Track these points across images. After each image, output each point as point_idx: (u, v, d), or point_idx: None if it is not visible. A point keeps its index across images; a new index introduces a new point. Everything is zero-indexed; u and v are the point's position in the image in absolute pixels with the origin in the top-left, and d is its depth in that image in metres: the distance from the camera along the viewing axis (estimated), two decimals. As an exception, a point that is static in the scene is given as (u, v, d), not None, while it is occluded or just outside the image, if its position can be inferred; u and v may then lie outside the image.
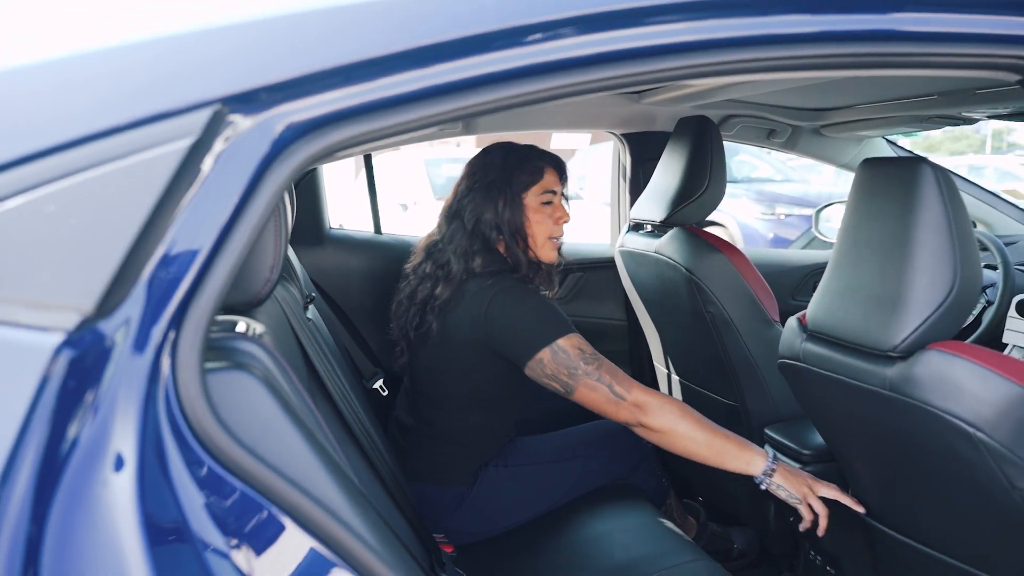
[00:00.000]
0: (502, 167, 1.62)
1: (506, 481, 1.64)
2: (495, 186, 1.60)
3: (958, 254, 1.08)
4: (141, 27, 0.68)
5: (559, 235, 1.66)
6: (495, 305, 1.50)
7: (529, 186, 1.61)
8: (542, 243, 1.63)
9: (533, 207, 1.61)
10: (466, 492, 1.61)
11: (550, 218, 1.63)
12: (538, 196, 1.62)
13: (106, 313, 0.59)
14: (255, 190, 0.66)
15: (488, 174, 1.62)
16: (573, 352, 1.46)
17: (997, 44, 0.89)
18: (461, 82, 0.71)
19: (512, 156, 1.64)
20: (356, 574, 0.65)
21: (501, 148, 1.68)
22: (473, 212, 1.60)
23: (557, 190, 1.65)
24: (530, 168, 1.62)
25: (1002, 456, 1.01)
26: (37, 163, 0.60)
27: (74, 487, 0.55)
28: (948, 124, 2.07)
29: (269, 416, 0.69)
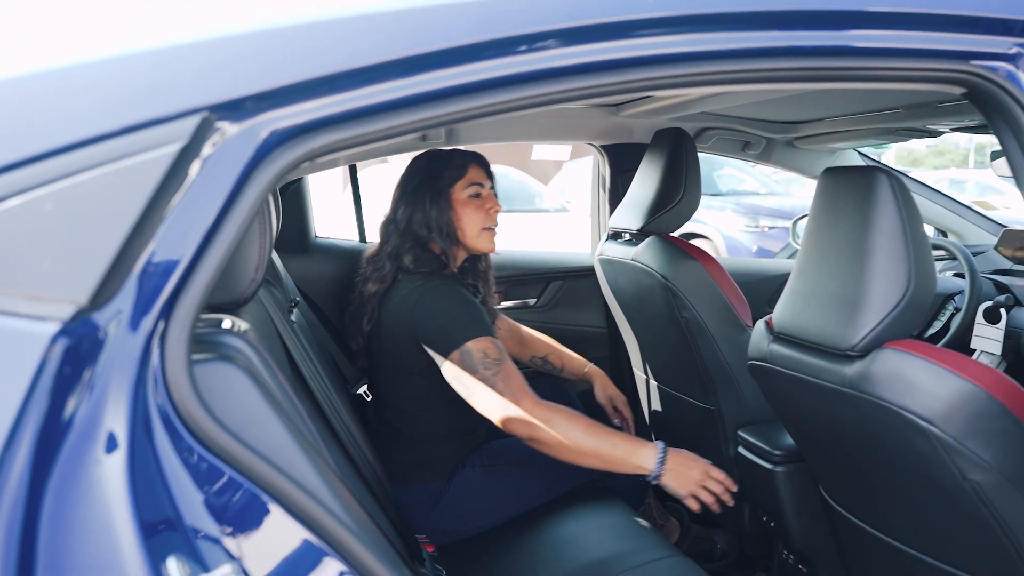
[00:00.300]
0: (426, 169, 1.71)
1: (481, 481, 1.68)
2: (422, 187, 1.68)
3: (912, 257, 1.13)
4: (133, 39, 0.72)
5: (493, 224, 1.72)
6: (420, 304, 1.57)
7: (455, 181, 1.69)
8: (476, 234, 1.70)
9: (461, 201, 1.69)
10: (441, 491, 1.65)
11: (480, 210, 1.70)
12: (465, 190, 1.69)
13: (99, 305, 0.63)
14: (240, 192, 0.71)
15: (415, 178, 1.71)
16: (478, 356, 1.50)
17: (941, 59, 0.95)
18: (432, 92, 0.76)
19: (434, 159, 1.73)
20: (336, 553, 0.69)
21: (425, 154, 1.77)
22: (404, 215, 1.68)
23: (484, 183, 1.72)
24: (454, 164, 1.70)
25: (953, 449, 1.06)
26: (36, 165, 0.64)
27: (69, 465, 0.59)
28: (915, 136, 2.15)
29: (253, 405, 0.73)
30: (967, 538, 1.17)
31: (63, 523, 0.58)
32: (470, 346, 1.51)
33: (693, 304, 1.79)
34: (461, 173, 1.70)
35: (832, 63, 0.93)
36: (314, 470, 0.74)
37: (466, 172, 1.71)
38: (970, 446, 1.06)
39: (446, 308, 1.57)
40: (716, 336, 1.79)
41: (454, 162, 1.71)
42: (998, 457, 1.05)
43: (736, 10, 0.88)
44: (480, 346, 1.51)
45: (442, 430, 1.69)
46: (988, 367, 1.09)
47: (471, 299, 1.62)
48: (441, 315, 1.56)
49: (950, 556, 1.23)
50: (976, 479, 1.07)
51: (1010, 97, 0.96)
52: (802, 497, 1.67)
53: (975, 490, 1.08)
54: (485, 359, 1.50)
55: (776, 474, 1.69)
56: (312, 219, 2.33)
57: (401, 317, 1.60)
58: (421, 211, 1.67)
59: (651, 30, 0.85)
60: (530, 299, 2.55)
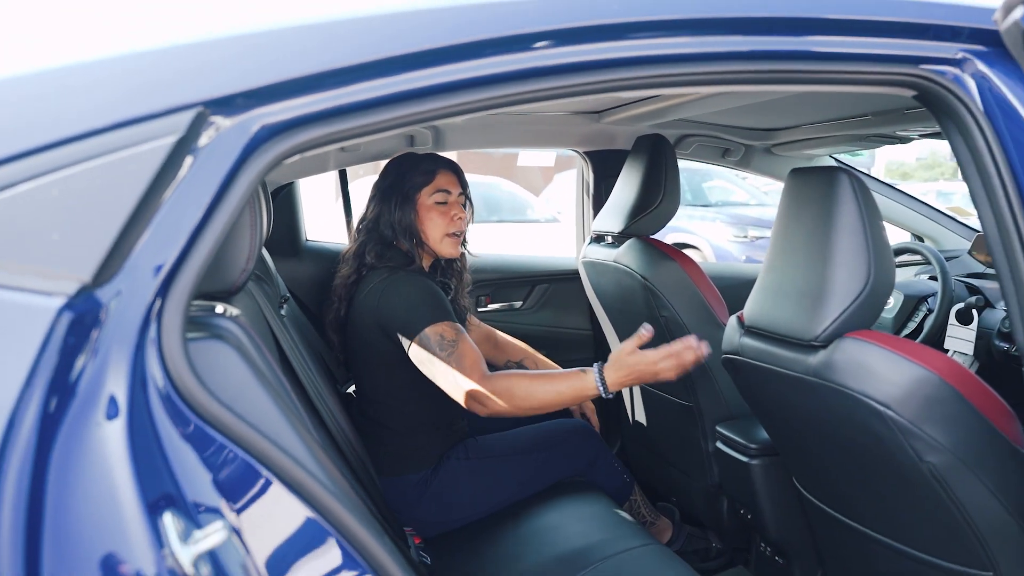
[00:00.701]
0: (396, 172, 1.77)
1: (466, 474, 1.73)
2: (391, 189, 1.76)
3: (872, 252, 1.19)
4: (134, 40, 0.78)
5: (457, 231, 1.78)
6: (384, 296, 1.65)
7: (422, 187, 1.75)
8: (439, 239, 1.76)
9: (427, 206, 1.75)
10: (427, 481, 1.70)
11: (444, 216, 1.75)
12: (431, 196, 1.75)
13: (102, 283, 0.69)
14: (232, 182, 0.76)
15: (386, 179, 1.78)
16: (435, 339, 1.57)
17: (893, 63, 1.02)
18: (409, 92, 0.82)
19: (406, 162, 1.79)
20: (321, 516, 0.74)
21: (399, 158, 1.83)
22: (373, 217, 1.76)
23: (453, 191, 1.78)
24: (422, 170, 1.76)
25: (910, 432, 1.12)
26: (44, 154, 0.70)
27: (73, 426, 0.64)
28: (885, 143, 2.22)
29: (243, 381, 0.78)
30: (928, 521, 1.23)
31: (68, 480, 0.63)
32: (428, 331, 1.58)
33: (672, 303, 1.85)
34: (429, 179, 1.76)
35: (792, 66, 0.99)
36: (301, 443, 0.79)
37: (434, 178, 1.76)
38: (925, 429, 1.11)
39: (407, 297, 1.63)
40: (694, 334, 1.84)
41: (423, 167, 1.77)
42: (951, 439, 1.11)
43: (705, 16, 0.94)
44: (437, 330, 1.58)
45: (423, 421, 1.75)
46: (942, 354, 1.15)
47: (433, 288, 1.68)
48: (402, 305, 1.63)
49: (915, 540, 1.29)
50: (932, 460, 1.12)
51: (956, 99, 1.02)
52: (777, 489, 1.73)
53: (931, 471, 1.13)
54: (442, 341, 1.57)
55: (752, 467, 1.74)
56: (303, 223, 2.39)
57: (368, 310, 1.68)
58: (387, 213, 1.75)
59: (623, 34, 0.91)
60: (516, 302, 2.61)
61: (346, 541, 0.74)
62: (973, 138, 1.02)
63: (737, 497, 1.87)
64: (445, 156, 1.86)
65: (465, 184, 1.84)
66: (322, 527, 0.72)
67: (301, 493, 0.73)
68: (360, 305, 1.71)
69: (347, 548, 0.74)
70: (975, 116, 1.01)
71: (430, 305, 1.63)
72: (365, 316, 1.69)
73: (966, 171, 1.05)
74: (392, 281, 1.67)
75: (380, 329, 1.66)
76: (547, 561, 1.53)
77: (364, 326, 1.70)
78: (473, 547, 1.65)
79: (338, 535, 0.73)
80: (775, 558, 1.83)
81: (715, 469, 1.93)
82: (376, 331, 1.67)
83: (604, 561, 1.49)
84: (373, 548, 0.74)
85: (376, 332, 1.67)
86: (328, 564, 0.72)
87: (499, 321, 2.55)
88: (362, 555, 0.74)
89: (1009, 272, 1.00)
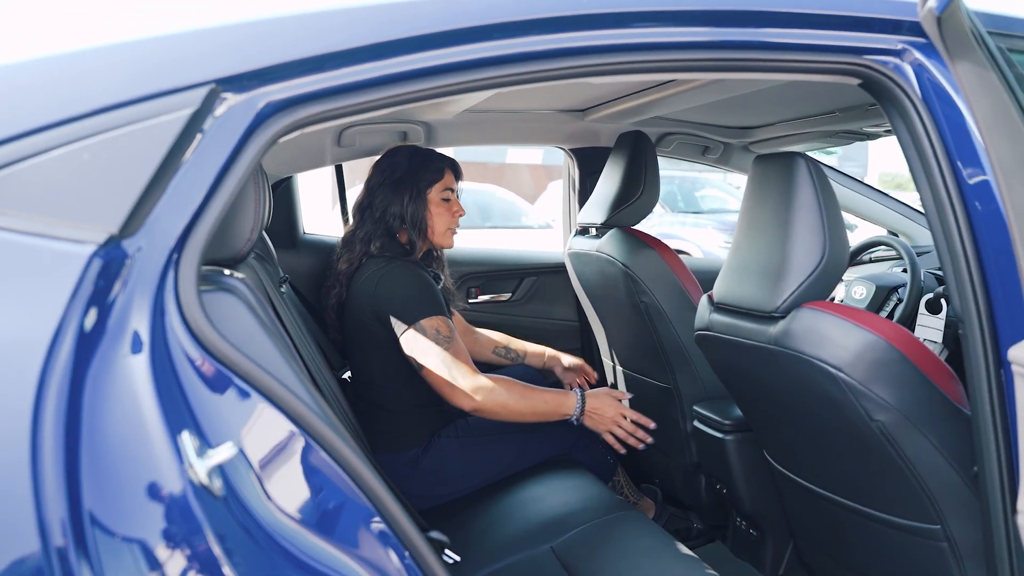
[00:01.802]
0: (409, 166, 1.89)
1: (455, 452, 1.82)
2: (403, 182, 1.86)
3: (827, 230, 1.30)
4: (156, 25, 0.88)
5: (456, 225, 1.95)
6: (382, 283, 1.75)
7: (433, 183, 1.89)
8: (442, 232, 1.91)
9: (435, 202, 1.89)
10: (418, 458, 1.79)
11: (448, 211, 1.91)
12: (440, 192, 1.90)
13: (127, 235, 0.78)
14: (240, 152, 0.86)
15: (396, 171, 1.88)
16: (431, 332, 1.69)
17: (838, 53, 1.12)
18: (398, 74, 0.92)
19: (417, 157, 1.91)
20: (319, 446, 0.83)
21: (407, 149, 1.94)
22: (381, 204, 1.86)
23: (454, 188, 1.94)
24: (434, 168, 1.90)
25: (860, 392, 1.22)
26: (76, 124, 0.80)
27: (104, 357, 0.73)
28: (855, 139, 2.33)
29: (249, 328, 0.88)
30: (881, 480, 1.33)
31: (100, 403, 0.72)
32: (424, 323, 1.69)
33: (651, 289, 1.94)
34: (439, 176, 1.90)
35: (747, 55, 1.10)
36: (301, 383, 0.88)
37: (443, 176, 1.91)
38: (874, 389, 1.21)
39: (405, 287, 1.74)
40: (672, 318, 1.95)
41: (435, 165, 1.90)
42: (897, 398, 1.21)
43: (669, 9, 1.05)
44: (434, 324, 1.70)
45: (414, 401, 1.84)
46: (890, 322, 1.25)
47: (429, 281, 1.80)
48: (400, 293, 1.73)
49: (872, 500, 1.38)
50: (880, 419, 1.22)
51: (897, 87, 1.12)
52: (750, 463, 1.82)
53: (881, 430, 1.23)
54: (438, 336, 1.69)
55: (727, 442, 1.84)
56: (301, 216, 2.49)
57: (364, 296, 1.78)
58: (399, 204, 1.85)
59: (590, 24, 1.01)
60: (505, 294, 2.71)
61: (341, 468, 0.83)
62: (912, 122, 1.12)
63: (714, 473, 1.97)
64: (447, 155, 1.98)
65: (460, 180, 1.98)
66: (319, 454, 0.82)
67: (300, 423, 0.82)
68: (358, 291, 1.81)
69: (341, 474, 0.83)
70: (914, 102, 1.11)
71: (428, 298, 1.74)
72: (362, 301, 1.79)
73: (907, 152, 1.15)
74: (390, 270, 1.77)
75: (375, 315, 1.76)
76: (531, 527, 1.62)
77: (360, 311, 1.80)
78: (461, 519, 1.74)
79: (335, 463, 0.83)
80: (750, 532, 1.93)
81: (693, 448, 2.03)
82: (371, 316, 1.77)
83: (585, 526, 1.59)
84: (364, 474, 0.84)
85: (371, 317, 1.77)
86: (321, 484, 0.82)
87: (488, 312, 2.65)
88: (355, 481, 0.83)
89: (945, 241, 1.10)
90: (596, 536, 1.55)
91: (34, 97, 0.83)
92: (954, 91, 1.11)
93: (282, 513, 0.78)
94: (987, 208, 1.06)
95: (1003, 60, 1.07)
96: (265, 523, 0.77)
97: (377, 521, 0.84)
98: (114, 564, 0.70)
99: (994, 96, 0.99)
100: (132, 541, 0.71)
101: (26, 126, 0.79)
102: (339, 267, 1.89)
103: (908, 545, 1.35)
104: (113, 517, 0.70)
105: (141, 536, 0.71)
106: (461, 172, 1.98)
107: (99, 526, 0.69)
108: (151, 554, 0.71)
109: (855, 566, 1.54)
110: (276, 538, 0.77)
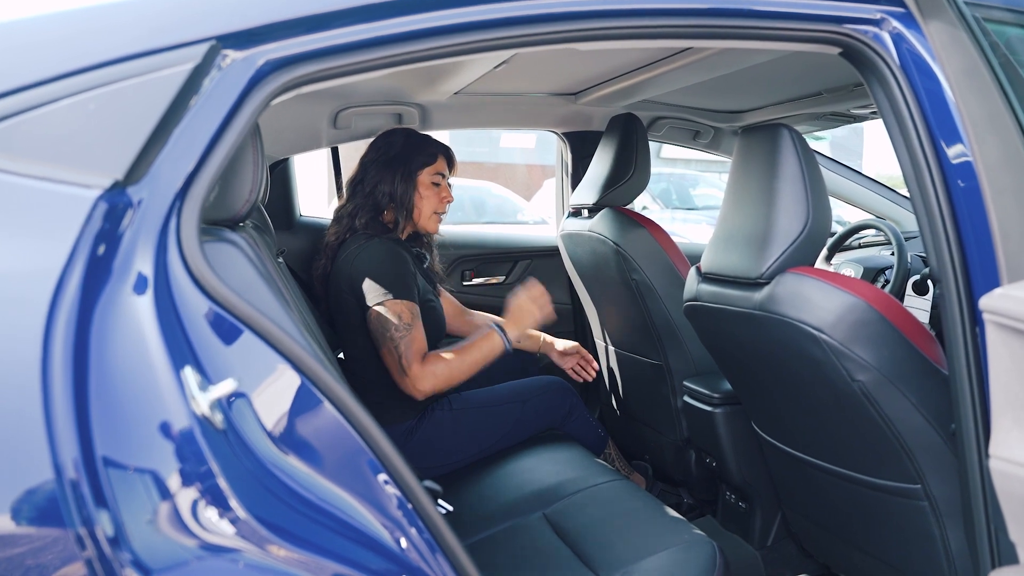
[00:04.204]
0: (403, 146, 1.93)
1: (449, 423, 1.86)
2: (395, 161, 1.91)
3: (810, 197, 1.33)
4: (158, -17, 0.91)
5: (443, 211, 1.99)
6: (358, 260, 1.79)
7: (425, 166, 1.93)
8: (428, 215, 1.95)
9: (425, 184, 1.93)
10: (412, 430, 1.83)
11: (436, 196, 1.95)
12: (430, 176, 1.94)
13: (132, 182, 0.82)
14: (240, 107, 0.89)
15: (391, 150, 1.92)
16: (392, 316, 1.73)
17: (818, 22, 1.15)
18: (389, 36, 0.95)
19: (412, 139, 1.96)
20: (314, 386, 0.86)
21: (404, 131, 1.99)
22: (372, 180, 1.91)
23: (446, 174, 1.98)
24: (427, 151, 1.94)
25: (841, 353, 1.26)
26: (84, 75, 0.83)
27: (110, 297, 0.76)
28: (842, 122, 2.37)
29: (248, 277, 0.91)
30: (864, 441, 1.36)
31: (107, 339, 0.76)
32: (388, 305, 1.73)
33: (642, 267, 1.98)
34: (431, 160, 1.94)
35: (731, 22, 1.13)
36: (296, 328, 0.91)
37: (435, 160, 1.95)
38: (855, 350, 1.25)
39: (378, 266, 1.78)
40: (662, 295, 1.98)
41: (428, 149, 1.95)
42: (877, 358, 1.25)
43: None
44: (397, 308, 1.73)
45: None
46: (870, 284, 1.29)
47: (405, 262, 1.82)
48: (372, 272, 1.77)
49: (855, 463, 1.42)
50: (861, 379, 1.26)
51: (876, 55, 1.16)
52: (738, 435, 1.86)
53: (862, 390, 1.27)
54: (399, 321, 1.72)
55: (716, 415, 1.88)
56: (297, 198, 2.52)
57: (343, 271, 1.82)
58: (389, 183, 1.90)
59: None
60: (499, 276, 2.74)
61: (336, 408, 0.86)
62: (891, 89, 1.15)
63: (704, 447, 2.00)
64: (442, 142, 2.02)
65: (452, 169, 2.02)
66: (314, 393, 0.85)
67: (296, 363, 0.85)
68: (339, 265, 1.85)
69: (336, 414, 0.86)
70: (892, 70, 1.15)
71: (398, 280, 1.77)
72: (341, 277, 1.83)
73: (886, 119, 1.19)
74: (368, 247, 1.81)
75: (351, 290, 1.80)
76: (524, 496, 1.66)
77: (339, 286, 1.84)
78: (454, 489, 1.78)
79: (330, 402, 0.86)
80: (739, 504, 1.96)
81: (683, 423, 2.06)
82: (348, 292, 1.81)
83: (576, 494, 1.62)
84: (358, 414, 0.87)
85: (348, 293, 1.81)
86: (317, 422, 0.85)
87: (482, 295, 2.69)
88: (349, 420, 0.87)
89: (923, 204, 1.13)
90: (587, 502, 1.58)
91: (44, 50, 0.86)
92: (931, 59, 1.14)
93: (279, 447, 0.81)
94: (961, 168, 1.09)
95: (976, 25, 1.11)
96: (264, 456, 0.80)
97: (374, 462, 0.87)
98: (124, 492, 0.73)
99: (965, 54, 1.03)
100: (142, 471, 0.75)
101: (36, 77, 0.83)
102: (327, 239, 1.94)
103: (891, 507, 1.39)
104: (120, 444, 0.73)
105: (148, 466, 0.74)
106: (455, 161, 2.02)
107: (108, 452, 0.72)
108: (160, 483, 0.75)
109: (840, 531, 1.58)
110: (274, 471, 0.80)
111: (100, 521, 0.69)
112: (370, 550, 0.83)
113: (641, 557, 1.34)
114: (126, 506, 0.70)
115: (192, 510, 0.73)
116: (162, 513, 0.72)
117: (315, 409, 0.85)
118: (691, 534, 1.40)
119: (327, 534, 0.81)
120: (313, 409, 0.85)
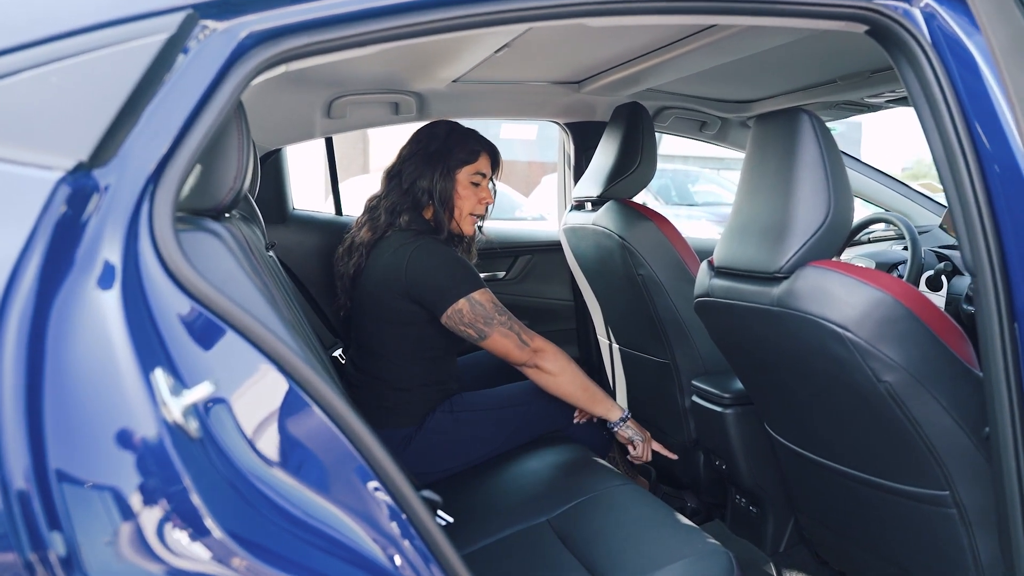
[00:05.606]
0: (445, 141, 1.83)
1: (450, 426, 1.78)
2: (436, 156, 1.81)
3: (831, 186, 1.25)
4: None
5: (480, 213, 1.90)
6: (415, 259, 1.70)
7: (465, 164, 1.84)
8: (464, 216, 1.87)
9: (464, 183, 1.84)
10: (413, 434, 1.75)
11: (475, 196, 1.86)
12: (470, 175, 1.85)
13: (98, 164, 0.74)
14: (220, 83, 0.81)
15: (431, 144, 1.83)
16: (488, 304, 1.69)
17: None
18: (385, 7, 0.87)
19: (455, 134, 1.86)
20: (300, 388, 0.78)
21: (447, 124, 1.88)
22: (410, 175, 1.81)
23: (487, 174, 1.89)
24: (469, 148, 1.85)
25: (867, 352, 1.18)
26: (45, 46, 0.75)
27: (71, 290, 0.69)
28: (857, 111, 2.29)
29: (230, 271, 0.83)
30: (889, 445, 1.29)
31: (66, 337, 0.68)
32: (477, 296, 1.69)
33: (648, 261, 1.90)
34: (472, 158, 1.86)
35: None
36: (281, 323, 0.83)
37: (477, 159, 1.86)
38: (881, 348, 1.17)
39: (445, 263, 1.71)
40: (670, 291, 1.90)
41: (471, 146, 1.86)
42: (905, 357, 1.17)
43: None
44: (487, 297, 1.70)
45: (419, 378, 1.80)
46: (896, 278, 1.21)
47: (462, 257, 1.77)
48: (440, 270, 1.69)
49: (879, 468, 1.34)
50: (888, 380, 1.18)
51: (907, 32, 1.08)
52: (750, 437, 1.78)
53: (888, 391, 1.19)
54: (496, 307, 1.70)
55: (726, 416, 1.80)
56: (290, 190, 2.44)
57: (392, 270, 1.72)
58: (428, 178, 1.81)
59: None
60: (499, 271, 2.66)
61: (325, 413, 0.78)
62: (922, 69, 1.07)
63: (712, 448, 1.93)
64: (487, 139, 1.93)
65: (498, 171, 1.95)
66: (301, 397, 0.77)
67: (281, 365, 0.77)
68: (382, 264, 1.75)
69: (325, 419, 0.78)
70: (924, 48, 1.07)
71: (469, 272, 1.73)
72: (385, 276, 1.73)
73: (916, 102, 1.11)
74: (420, 247, 1.72)
75: (402, 293, 1.71)
76: (527, 501, 1.58)
77: (383, 285, 1.74)
78: (456, 494, 1.70)
79: (318, 407, 0.78)
80: (750, 508, 1.89)
81: (691, 424, 1.99)
82: (396, 294, 1.72)
83: (582, 499, 1.54)
84: (349, 419, 0.79)
85: (395, 294, 1.72)
86: (304, 429, 0.77)
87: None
88: (340, 427, 0.79)
89: (956, 190, 1.05)
90: (593, 508, 1.51)
91: (1, 19, 0.78)
92: (966, 36, 1.07)
93: (261, 457, 0.73)
94: (1000, 153, 1.02)
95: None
96: (245, 468, 0.72)
97: (365, 470, 0.79)
98: (81, 511, 0.65)
99: (1012, 23, 0.95)
100: (102, 488, 0.67)
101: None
102: (360, 235, 1.84)
103: (916, 514, 1.31)
104: (78, 455, 0.65)
105: (110, 481, 0.67)
106: (500, 161, 1.94)
107: (63, 465, 0.64)
108: (123, 500, 0.67)
109: (860, 538, 1.50)
110: (257, 484, 0.72)
111: (53, 544, 0.61)
112: (361, 568, 0.75)
113: (653, 568, 1.26)
114: (82, 527, 0.63)
115: (158, 531, 0.65)
116: (124, 534, 0.64)
117: (302, 413, 0.77)
118: (705, 543, 1.32)
119: (314, 553, 0.73)
120: (299, 413, 0.77)
